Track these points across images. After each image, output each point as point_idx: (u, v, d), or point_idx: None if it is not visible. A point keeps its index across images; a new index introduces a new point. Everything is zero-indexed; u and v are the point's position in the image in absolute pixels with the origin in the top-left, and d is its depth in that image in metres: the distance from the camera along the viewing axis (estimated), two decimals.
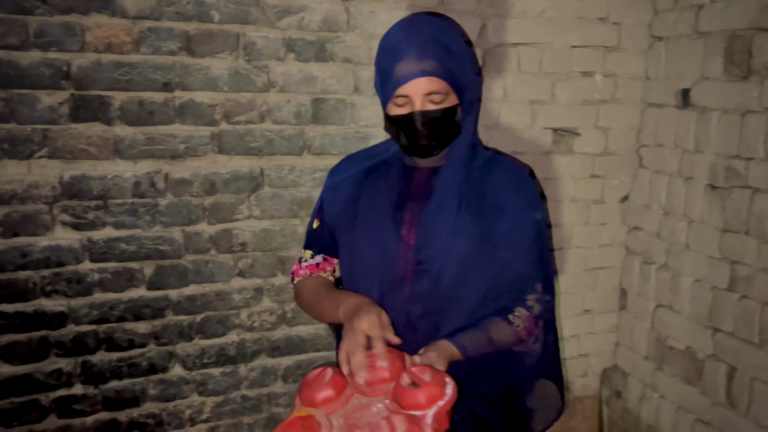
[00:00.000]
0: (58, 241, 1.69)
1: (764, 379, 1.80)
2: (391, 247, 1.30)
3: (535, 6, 2.06)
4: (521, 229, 1.31)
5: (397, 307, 1.29)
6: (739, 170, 1.86)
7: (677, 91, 2.10)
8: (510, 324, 1.26)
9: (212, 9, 1.71)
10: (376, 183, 1.37)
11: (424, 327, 1.30)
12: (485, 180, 1.32)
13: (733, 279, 1.90)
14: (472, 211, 1.29)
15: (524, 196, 1.33)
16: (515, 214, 1.30)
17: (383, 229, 1.31)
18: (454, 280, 1.28)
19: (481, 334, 1.25)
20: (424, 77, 1.19)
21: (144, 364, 1.83)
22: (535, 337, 1.31)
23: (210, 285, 1.85)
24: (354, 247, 1.36)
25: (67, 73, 1.62)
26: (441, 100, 1.22)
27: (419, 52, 1.20)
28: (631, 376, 2.39)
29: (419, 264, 1.29)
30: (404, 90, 1.21)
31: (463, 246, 1.28)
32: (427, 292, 1.28)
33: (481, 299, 1.29)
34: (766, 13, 1.76)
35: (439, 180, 1.31)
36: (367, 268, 1.33)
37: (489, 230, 1.28)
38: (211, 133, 1.78)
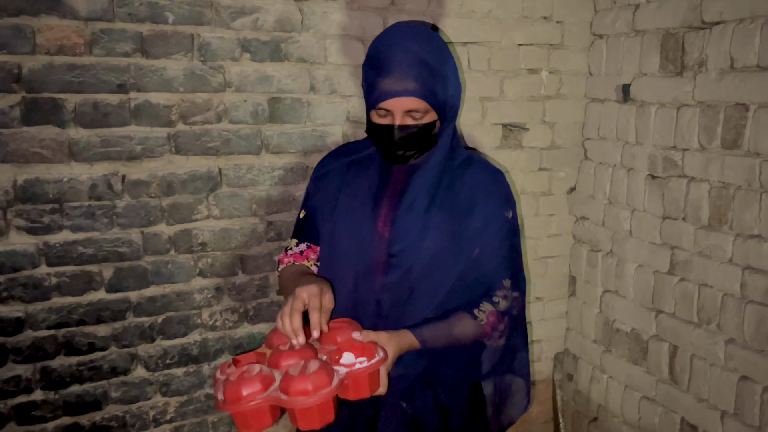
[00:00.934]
0: (12, 247, 1.66)
1: (702, 355, 1.92)
2: (367, 238, 1.36)
3: (482, 6, 2.13)
4: (492, 227, 1.38)
5: (369, 295, 1.36)
6: (675, 161, 1.98)
7: (618, 86, 2.21)
8: (474, 318, 1.33)
9: (166, 10, 1.71)
10: (357, 177, 1.43)
11: (393, 316, 1.36)
12: (459, 179, 1.39)
13: (672, 263, 2.02)
14: (444, 210, 1.36)
15: (496, 196, 1.40)
16: (487, 212, 1.37)
17: (361, 221, 1.38)
18: (423, 274, 1.34)
19: (443, 325, 1.31)
20: (405, 96, 1.25)
21: (105, 367, 1.82)
22: (499, 332, 1.38)
23: (170, 285, 1.86)
24: (333, 236, 1.42)
25: (18, 75, 1.60)
26: (420, 117, 1.29)
27: (402, 71, 1.25)
28: (581, 359, 2.50)
29: (391, 257, 1.35)
30: (386, 105, 1.27)
31: (433, 243, 1.34)
32: (397, 284, 1.35)
33: (448, 293, 1.36)
34: (696, 12, 1.87)
35: (413, 181, 1.38)
36: (344, 257, 1.39)
37: (461, 227, 1.35)
38: (167, 134, 1.78)
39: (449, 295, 1.36)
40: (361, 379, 1.16)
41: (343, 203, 1.42)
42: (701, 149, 1.89)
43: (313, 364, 1.13)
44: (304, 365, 1.13)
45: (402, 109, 1.27)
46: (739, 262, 1.78)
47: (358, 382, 1.17)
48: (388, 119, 1.29)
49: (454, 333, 1.32)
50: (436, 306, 1.36)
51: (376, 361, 1.17)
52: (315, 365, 1.12)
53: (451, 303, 1.36)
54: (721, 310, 1.85)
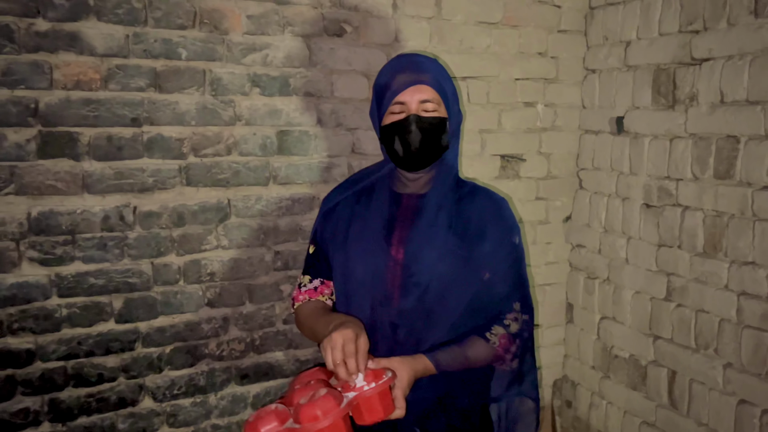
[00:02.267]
0: (25, 278, 1.67)
1: (701, 380, 1.97)
2: (382, 265, 1.40)
3: (481, 42, 2.21)
4: (501, 253, 1.42)
5: (386, 321, 1.39)
6: (670, 190, 2.05)
7: (611, 119, 2.29)
8: (487, 341, 1.37)
9: (179, 47, 1.77)
10: (366, 207, 1.47)
11: (409, 341, 1.39)
12: (469, 207, 1.44)
13: (669, 289, 2.08)
14: (458, 235, 1.40)
15: (504, 223, 1.45)
16: (496, 238, 1.42)
17: (374, 248, 1.41)
18: (437, 298, 1.37)
19: (457, 349, 1.34)
20: (420, 85, 1.35)
21: (113, 398, 1.82)
22: (512, 355, 1.41)
23: (179, 316, 1.87)
24: (347, 267, 1.44)
25: (35, 110, 1.63)
26: (433, 109, 1.36)
27: (415, 67, 1.38)
28: (580, 385, 2.53)
29: (409, 277, 1.38)
30: (401, 97, 1.35)
31: (449, 265, 1.38)
32: (413, 308, 1.38)
33: (460, 317, 1.39)
34: (686, 49, 1.97)
35: (429, 200, 1.42)
36: (360, 286, 1.42)
37: (472, 253, 1.39)
38: (179, 166, 1.82)
39: (462, 319, 1.40)
40: (371, 400, 1.18)
41: (355, 233, 1.46)
42: (695, 179, 1.96)
43: (321, 390, 1.15)
44: (312, 394, 1.15)
45: (417, 99, 1.35)
46: (735, 288, 1.84)
47: (369, 404, 1.18)
48: (403, 114, 1.36)
49: (468, 356, 1.35)
50: (449, 330, 1.39)
51: (384, 381, 1.19)
52: (323, 391, 1.15)
53: (464, 327, 1.39)
54: (718, 335, 1.90)
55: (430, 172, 1.45)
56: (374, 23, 2.02)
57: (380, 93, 1.41)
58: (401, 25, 2.06)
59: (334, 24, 1.96)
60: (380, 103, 1.41)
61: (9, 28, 1.58)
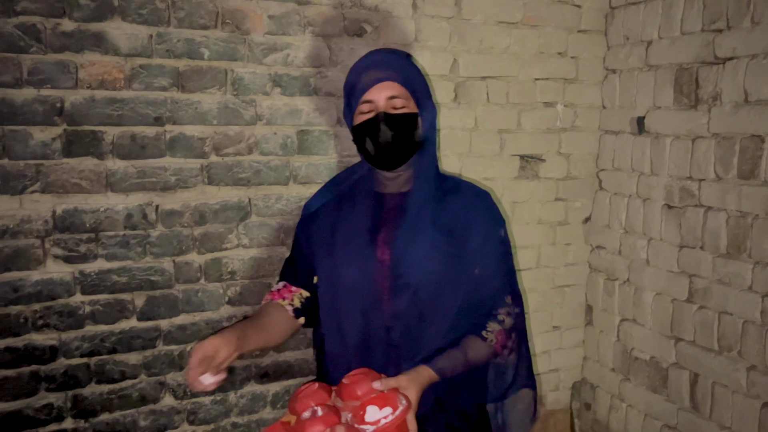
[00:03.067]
0: (50, 275, 1.69)
1: (724, 383, 1.95)
2: (369, 268, 1.39)
3: (501, 42, 2.21)
4: (489, 247, 1.42)
5: (379, 324, 1.38)
6: (692, 190, 2.03)
7: (632, 119, 2.28)
8: (484, 340, 1.36)
9: (202, 47, 1.78)
10: (350, 210, 1.46)
11: (404, 344, 1.38)
12: (454, 203, 1.43)
13: (691, 291, 2.06)
14: (444, 233, 1.39)
15: (489, 216, 1.45)
16: (483, 233, 1.42)
17: (360, 252, 1.40)
18: (429, 297, 1.37)
19: (457, 353, 1.33)
20: (386, 82, 1.33)
21: (135, 395, 1.83)
22: (509, 350, 1.41)
23: (200, 314, 1.89)
24: (335, 272, 1.43)
25: (61, 109, 1.65)
26: (402, 105, 1.34)
27: (381, 64, 1.36)
28: (599, 388, 2.51)
29: (398, 279, 1.37)
30: (369, 95, 1.33)
31: (438, 264, 1.37)
32: (405, 310, 1.37)
33: (456, 316, 1.38)
34: (709, 48, 1.95)
35: (412, 199, 1.41)
36: (349, 291, 1.41)
37: (460, 250, 1.39)
38: (200, 165, 1.83)
39: (456, 319, 1.39)
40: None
41: (340, 237, 1.44)
42: (718, 179, 1.94)
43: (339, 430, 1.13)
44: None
45: (385, 96, 1.33)
46: (759, 290, 1.82)
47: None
48: (372, 113, 1.34)
49: (468, 358, 1.34)
50: (445, 330, 1.38)
51: (401, 411, 1.17)
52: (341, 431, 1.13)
53: (458, 325, 1.38)
54: (742, 337, 1.88)
55: (408, 169, 1.43)
56: (394, 23, 2.02)
57: (349, 93, 1.40)
58: (421, 25, 2.06)
59: (354, 24, 1.97)
60: (350, 103, 1.40)
61: (36, 28, 1.60)
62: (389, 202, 1.44)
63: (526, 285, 2.43)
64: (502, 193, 2.31)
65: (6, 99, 1.59)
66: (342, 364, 1.44)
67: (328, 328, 1.47)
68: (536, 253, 2.43)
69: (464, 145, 2.21)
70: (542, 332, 2.50)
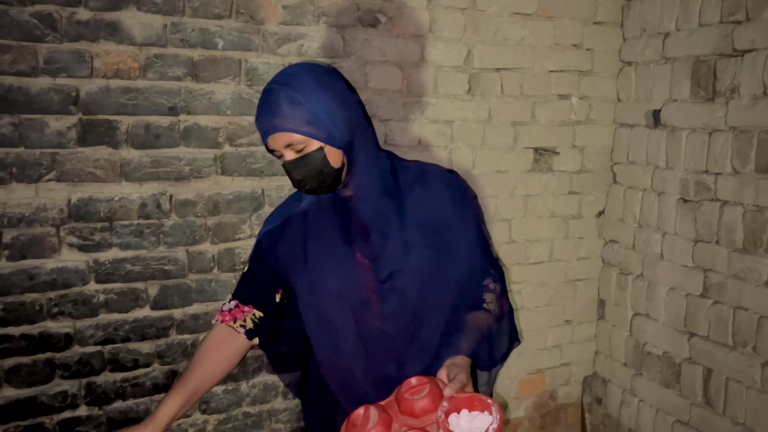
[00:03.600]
0: (64, 263, 1.71)
1: (738, 378, 1.93)
2: (352, 272, 1.36)
3: (516, 34, 2.19)
4: (467, 229, 1.41)
5: (373, 327, 1.36)
6: (708, 184, 2.01)
7: (647, 112, 2.25)
8: (488, 312, 1.35)
9: (216, 36, 1.78)
10: (317, 219, 1.41)
11: (403, 341, 1.37)
12: (424, 194, 1.39)
13: (706, 286, 2.04)
14: (420, 226, 1.36)
15: (461, 199, 1.43)
16: (457, 216, 1.39)
17: (339, 259, 1.36)
18: (418, 294, 1.35)
19: (474, 332, 1.30)
20: (277, 133, 1.25)
21: (148, 383, 1.85)
22: (506, 308, 1.43)
23: (213, 304, 1.89)
24: (316, 283, 1.39)
25: (76, 98, 1.66)
26: (301, 149, 1.26)
27: (267, 112, 1.25)
28: (611, 382, 2.50)
29: (383, 284, 1.35)
30: (270, 146, 1.28)
31: (418, 261, 1.34)
32: (396, 310, 1.35)
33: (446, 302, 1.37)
34: (727, 40, 1.92)
35: (359, 206, 1.35)
36: (336, 298, 1.37)
37: (441, 240, 1.37)
38: (214, 155, 1.83)
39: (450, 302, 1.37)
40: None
41: (315, 249, 1.39)
42: (734, 173, 1.92)
43: None
44: None
45: (282, 145, 1.26)
46: None
47: None
48: (282, 158, 1.29)
49: (483, 331, 1.33)
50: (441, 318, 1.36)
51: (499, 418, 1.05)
52: None
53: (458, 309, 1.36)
54: (757, 332, 1.86)
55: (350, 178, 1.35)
56: (408, 14, 2.01)
57: None
58: (435, 15, 2.05)
59: (368, 14, 1.96)
60: None
61: (52, 17, 1.60)
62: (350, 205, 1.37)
63: (538, 278, 2.42)
64: (515, 185, 2.30)
65: (22, 88, 1.60)
66: (340, 372, 1.43)
67: (318, 339, 1.44)
68: (549, 247, 2.42)
69: (477, 137, 2.20)
70: (554, 326, 2.49)
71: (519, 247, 2.36)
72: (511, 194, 2.30)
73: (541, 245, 2.40)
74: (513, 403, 2.47)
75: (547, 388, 2.54)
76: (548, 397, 2.55)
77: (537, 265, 2.41)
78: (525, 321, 2.42)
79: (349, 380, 1.41)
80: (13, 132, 1.61)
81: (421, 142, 2.10)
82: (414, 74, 2.05)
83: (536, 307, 2.44)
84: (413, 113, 2.07)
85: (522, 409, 2.50)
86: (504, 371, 2.40)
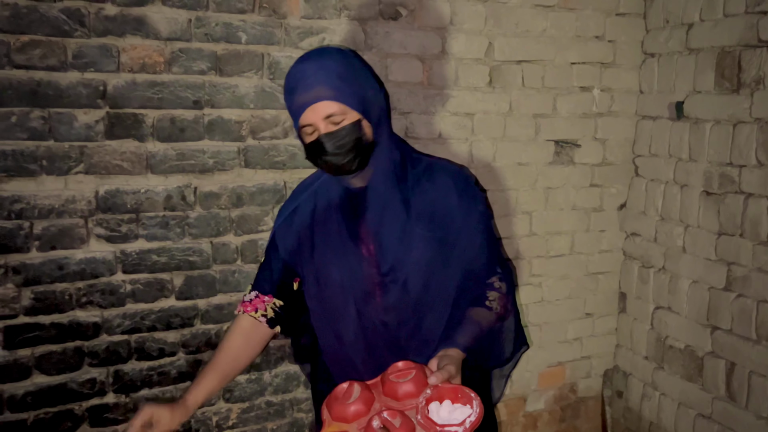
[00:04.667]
0: (93, 254, 1.75)
1: (762, 372, 1.92)
2: (355, 264, 1.37)
3: (537, 26, 2.18)
4: (472, 224, 1.41)
5: (374, 319, 1.38)
6: (732, 177, 1.99)
7: (670, 104, 2.23)
8: (489, 309, 1.36)
9: (239, 31, 1.80)
10: (324, 209, 1.43)
11: (403, 335, 1.38)
12: (430, 187, 1.40)
13: (729, 279, 2.02)
14: (424, 219, 1.37)
15: (467, 194, 1.43)
16: (463, 211, 1.40)
17: (344, 251, 1.38)
18: (419, 287, 1.36)
19: (473, 327, 1.31)
20: (318, 102, 1.26)
21: (173, 372, 1.88)
22: (510, 310, 1.43)
23: (236, 294, 1.92)
24: (321, 273, 1.41)
25: (104, 92, 1.69)
26: (340, 120, 1.28)
27: (305, 84, 1.27)
28: (632, 376, 2.49)
29: (385, 276, 1.36)
30: (305, 119, 1.28)
31: (421, 253, 1.36)
32: (397, 303, 1.36)
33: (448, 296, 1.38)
34: (753, 30, 1.90)
35: (371, 195, 1.37)
36: (339, 289, 1.39)
37: (443, 233, 1.38)
38: (237, 148, 1.86)
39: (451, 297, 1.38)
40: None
41: (321, 238, 1.42)
42: (759, 165, 1.90)
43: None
44: None
45: (320, 117, 1.27)
46: None
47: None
48: (315, 134, 1.30)
49: (483, 328, 1.33)
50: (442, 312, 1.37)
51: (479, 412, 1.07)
52: None
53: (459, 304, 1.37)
54: None
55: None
56: (429, 6, 2.02)
57: (290, 113, 1.34)
58: (456, 7, 2.05)
59: (389, 7, 1.97)
60: (293, 118, 1.34)
61: (80, 13, 1.64)
62: (359, 196, 1.40)
63: (559, 271, 2.41)
64: (536, 178, 2.29)
65: (52, 82, 1.64)
66: (342, 362, 1.45)
67: (322, 329, 1.47)
68: (570, 240, 2.41)
69: (498, 129, 2.20)
70: (575, 319, 2.49)
71: (540, 239, 2.35)
72: (532, 187, 2.30)
73: (562, 238, 2.40)
74: (533, 396, 2.48)
75: (568, 380, 2.54)
76: (569, 389, 2.55)
77: (558, 258, 2.40)
78: (545, 313, 2.42)
79: (350, 370, 1.43)
80: (43, 125, 1.65)
81: (441, 134, 2.11)
82: (435, 67, 2.06)
83: (557, 300, 2.44)
84: (434, 106, 2.08)
85: (542, 401, 2.50)
86: (523, 364, 2.41)
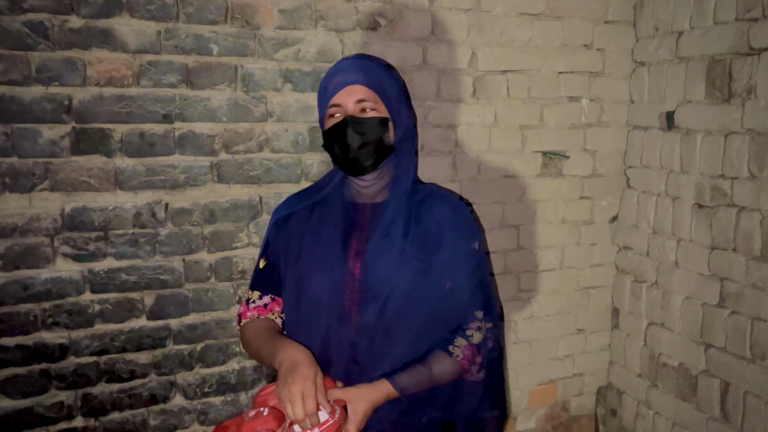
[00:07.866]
0: (59, 273, 1.69)
1: (757, 392, 1.84)
2: (339, 280, 1.33)
3: (522, 35, 2.13)
4: (460, 260, 1.37)
5: (344, 340, 1.33)
6: (724, 189, 1.92)
7: (661, 114, 2.17)
8: (450, 355, 1.30)
9: (211, 42, 1.75)
10: (321, 219, 1.40)
11: (369, 361, 1.32)
12: (427, 215, 1.37)
13: (723, 295, 1.95)
14: (416, 245, 1.34)
15: (462, 229, 1.39)
16: (455, 246, 1.36)
17: (330, 264, 1.34)
18: (396, 312, 1.31)
19: (421, 369, 1.28)
20: (355, 85, 1.30)
21: (145, 394, 1.82)
22: (477, 366, 1.35)
23: (210, 313, 1.86)
24: (301, 282, 1.37)
25: (69, 107, 1.64)
26: (372, 109, 1.30)
27: (350, 68, 1.33)
28: (625, 394, 2.42)
29: (366, 291, 1.32)
30: (337, 99, 1.30)
31: (407, 276, 1.32)
32: (371, 324, 1.31)
33: (422, 331, 1.32)
34: (743, 38, 1.84)
35: (386, 211, 1.36)
36: (316, 304, 1.35)
37: (432, 263, 1.33)
38: (210, 162, 1.80)
39: (423, 332, 1.33)
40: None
41: (309, 248, 1.38)
42: (751, 178, 1.83)
43: None
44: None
45: (353, 99, 1.29)
46: None
47: None
48: (340, 116, 1.31)
49: (433, 375, 1.29)
50: (411, 345, 1.32)
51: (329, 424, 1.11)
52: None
53: (426, 340, 1.33)
54: None
55: (381, 178, 1.38)
56: (410, 16, 1.96)
57: (320, 97, 1.37)
58: (438, 17, 2.00)
59: (368, 18, 1.91)
60: (321, 106, 1.37)
61: (44, 26, 1.59)
62: (362, 213, 1.39)
63: (549, 286, 2.34)
64: (524, 191, 2.23)
65: (15, 97, 1.59)
66: None
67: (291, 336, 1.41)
68: (560, 254, 2.34)
69: (483, 141, 2.13)
70: (566, 335, 2.42)
71: (528, 254, 2.29)
72: (519, 200, 2.23)
73: (551, 252, 2.33)
74: (523, 415, 2.40)
75: (560, 399, 2.47)
76: (560, 408, 2.48)
77: (548, 272, 2.34)
78: (535, 330, 2.35)
79: None
80: (6, 141, 1.60)
81: (424, 147, 2.05)
82: (416, 78, 2.00)
83: (547, 316, 2.37)
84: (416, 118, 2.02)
85: (533, 420, 2.43)
86: (513, 382, 2.34)
